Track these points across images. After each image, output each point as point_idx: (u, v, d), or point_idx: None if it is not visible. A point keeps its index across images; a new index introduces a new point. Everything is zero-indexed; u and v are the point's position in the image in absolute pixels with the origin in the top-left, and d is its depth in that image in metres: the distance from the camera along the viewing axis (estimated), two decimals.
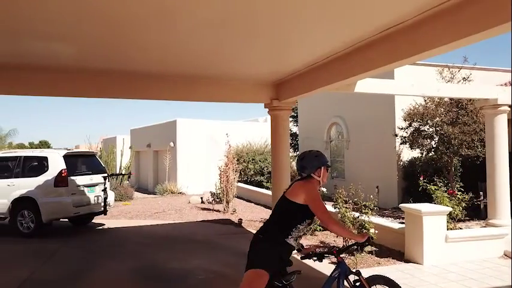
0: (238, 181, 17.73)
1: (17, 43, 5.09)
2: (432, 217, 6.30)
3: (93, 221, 10.51)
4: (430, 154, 10.58)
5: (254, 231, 8.90)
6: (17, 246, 8.01)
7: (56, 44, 5.10)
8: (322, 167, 3.22)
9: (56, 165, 8.94)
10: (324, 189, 9.33)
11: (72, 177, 9.02)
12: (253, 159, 17.50)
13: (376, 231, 6.87)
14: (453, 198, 7.31)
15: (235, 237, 8.65)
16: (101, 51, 5.54)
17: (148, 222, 10.68)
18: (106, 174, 9.65)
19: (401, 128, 11.17)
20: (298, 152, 19.35)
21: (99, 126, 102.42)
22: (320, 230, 8.51)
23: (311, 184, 3.13)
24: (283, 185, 7.84)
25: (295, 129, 21.48)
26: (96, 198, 9.48)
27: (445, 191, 7.46)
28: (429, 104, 10.50)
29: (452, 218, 7.21)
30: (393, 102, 12.51)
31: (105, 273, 6.18)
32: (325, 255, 3.19)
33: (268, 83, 7.82)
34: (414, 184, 11.83)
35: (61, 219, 9.68)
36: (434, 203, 7.22)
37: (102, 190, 9.49)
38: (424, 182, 7.79)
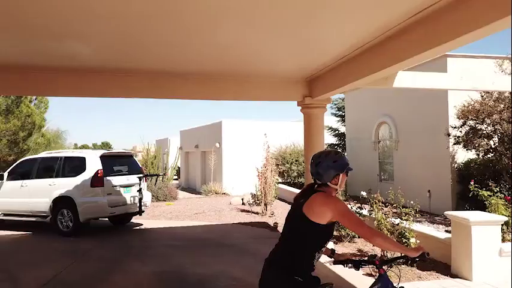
0: (281, 183, 17.36)
1: (38, 43, 5.09)
2: (483, 227, 5.50)
3: (133, 221, 10.62)
4: (488, 155, 9.51)
5: None
6: (53, 244, 8.20)
7: (80, 44, 5.05)
8: (341, 174, 2.63)
9: (93, 165, 9.08)
10: (364, 193, 8.68)
11: (108, 178, 9.13)
12: (296, 161, 17.00)
13: (418, 241, 6.18)
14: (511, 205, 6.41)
15: (267, 241, 8.25)
16: (126, 50, 5.43)
17: (185, 223, 10.60)
18: (141, 175, 9.66)
19: (455, 127, 10.19)
20: (346, 153, 18.57)
21: (156, 127, 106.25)
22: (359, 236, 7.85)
23: (334, 197, 2.56)
24: None
25: (343, 129, 20.67)
26: (132, 198, 9.53)
27: (502, 197, 6.56)
28: (486, 99, 9.46)
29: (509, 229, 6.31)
30: (446, 99, 11.48)
31: (126, 275, 6.07)
32: (363, 264, 2.72)
33: (300, 79, 7.36)
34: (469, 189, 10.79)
35: (101, 219, 9.88)
36: (488, 211, 6.37)
37: (138, 191, 9.52)
38: (475, 186, 6.92)
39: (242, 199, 14.34)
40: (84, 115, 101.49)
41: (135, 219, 10.75)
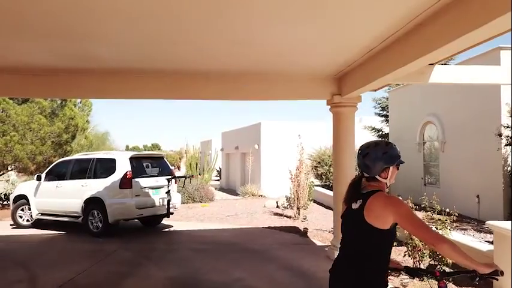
0: (319, 185, 16.78)
1: (66, 46, 5.07)
2: None
3: (164, 222, 10.60)
4: None
5: (319, 243, 8.28)
6: (81, 245, 8.28)
7: (99, 45, 4.98)
8: (391, 166, 2.42)
9: (123, 167, 9.12)
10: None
11: (137, 179, 9.12)
12: None
13: None
14: None
15: (294, 248, 7.85)
16: (145, 50, 5.29)
17: (215, 226, 10.42)
18: (170, 177, 9.58)
19: (507, 126, 9.23)
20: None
21: (204, 128, 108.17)
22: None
23: (395, 198, 2.31)
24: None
25: (387, 129, 19.66)
26: (161, 200, 9.48)
27: None
28: None
29: None
30: (499, 95, 10.46)
31: (140, 280, 5.92)
32: (420, 273, 2.53)
33: (328, 76, 6.89)
34: None
35: (134, 220, 9.92)
36: None
37: (166, 192, 9.44)
38: None
39: (277, 202, 13.97)
40: (136, 117, 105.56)
41: (166, 221, 10.71)
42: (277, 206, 13.66)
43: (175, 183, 10.29)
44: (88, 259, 7.10)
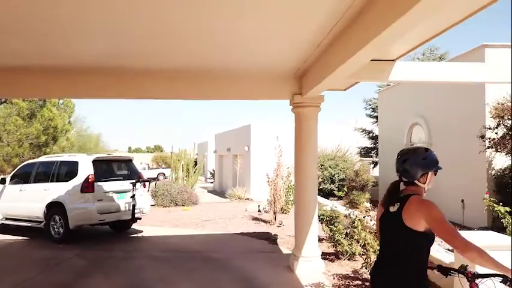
0: None
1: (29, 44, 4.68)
2: (491, 253, 4.31)
3: (135, 227, 10.21)
4: None
5: (287, 251, 7.79)
6: (36, 252, 7.91)
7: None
8: (430, 172, 2.51)
9: (85, 170, 8.73)
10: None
11: (100, 183, 8.73)
12: (322, 165, 15.89)
13: None
14: None
15: (258, 257, 7.43)
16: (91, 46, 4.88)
17: (187, 232, 10.01)
18: (134, 181, 9.17)
19: (489, 128, 8.76)
20: (378, 158, 17.15)
21: (203, 128, 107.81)
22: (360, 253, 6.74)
23: (429, 202, 2.37)
24: (306, 201, 6.47)
25: (378, 131, 19.23)
26: (127, 205, 9.08)
27: None
28: None
29: None
30: (483, 96, 9.99)
31: None
32: (452, 272, 2.57)
33: (288, 75, 6.46)
34: (509, 199, 9.25)
35: (103, 225, 9.52)
36: (509, 232, 5.11)
37: (131, 197, 9.03)
38: (490, 200, 5.63)
39: (258, 206, 13.54)
40: (142, 119, 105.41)
41: (137, 226, 10.33)
42: (259, 210, 13.24)
43: (144, 187, 9.88)
44: (37, 267, 6.72)
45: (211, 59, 5.62)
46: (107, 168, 9.18)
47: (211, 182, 31.10)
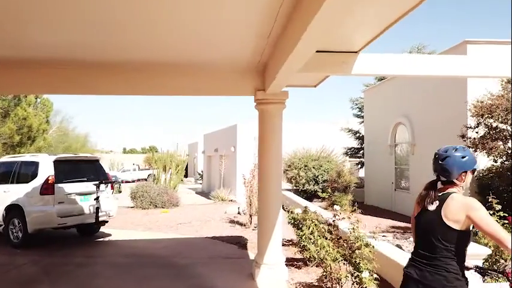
0: (289, 190, 15.94)
1: None
2: None
3: (104, 230, 9.77)
4: (507, 162, 7.64)
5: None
6: None
7: None
8: (468, 171, 2.54)
9: (45, 171, 8.28)
10: (299, 210, 7.18)
11: (61, 185, 8.28)
12: (305, 166, 15.49)
13: (375, 268, 4.68)
14: None
15: (223, 263, 7.01)
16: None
17: (158, 235, 9.58)
18: (97, 182, 8.71)
19: (469, 127, 8.39)
20: (363, 159, 16.77)
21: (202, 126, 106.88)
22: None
23: (473, 200, 2.39)
24: (269, 204, 6.07)
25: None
26: (91, 207, 8.64)
27: (503, 218, 4.89)
28: (509, 93, 7.61)
29: None
30: (465, 94, 9.63)
31: None
32: (491, 272, 2.65)
33: (250, 69, 6.04)
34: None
35: (66, 229, 9.06)
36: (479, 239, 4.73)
37: (95, 199, 8.58)
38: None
39: (238, 208, 13.15)
40: (140, 119, 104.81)
41: (107, 229, 9.89)
42: (239, 213, 12.85)
43: (112, 188, 9.44)
44: None
45: (164, 52, 5.21)
46: (70, 169, 8.73)
47: (201, 183, 30.64)
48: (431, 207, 2.48)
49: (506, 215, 5.09)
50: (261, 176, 6.25)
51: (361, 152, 18.73)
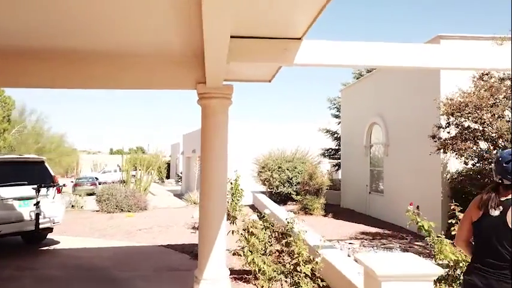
0: (262, 192, 15.33)
1: None
2: (401, 284, 3.31)
3: (53, 237, 9.03)
4: (478, 164, 7.11)
5: None
6: None
7: None
8: None
9: None
10: (267, 211, 6.58)
11: None
12: (279, 168, 14.87)
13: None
14: None
15: (166, 276, 6.36)
16: None
17: (108, 244, 8.87)
18: (35, 186, 7.94)
19: (440, 127, 7.85)
20: (340, 161, 16.22)
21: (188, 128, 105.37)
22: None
23: None
24: (210, 211, 5.42)
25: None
26: (32, 214, 7.87)
27: None
28: (480, 90, 7.07)
29: None
30: (438, 92, 9.09)
31: None
32: None
33: (191, 60, 5.38)
34: (465, 206, 8.34)
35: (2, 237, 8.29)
36: (434, 252, 4.13)
37: (34, 204, 7.82)
38: (414, 213, 4.65)
39: None
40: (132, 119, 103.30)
41: (56, 237, 9.16)
42: None
43: (59, 192, 8.68)
44: None
45: (93, 40, 4.55)
46: (8, 171, 7.97)
47: (181, 185, 29.90)
48: (495, 213, 2.40)
49: None
50: (203, 179, 5.59)
51: (339, 153, 18.19)
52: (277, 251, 4.86)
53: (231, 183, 12.04)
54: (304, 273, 4.05)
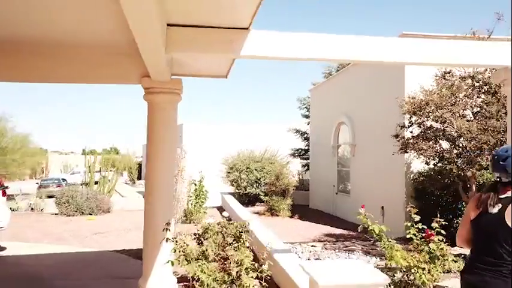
0: (231, 193, 14.98)
1: None
2: None
3: (0, 244, 8.41)
4: (439, 164, 6.98)
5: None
6: None
7: None
8: None
9: None
10: (226, 214, 6.30)
11: None
12: (247, 168, 14.56)
13: None
14: (432, 247, 3.90)
15: (115, 285, 5.93)
16: None
17: (57, 250, 8.36)
18: None
19: (403, 126, 7.71)
20: (308, 161, 16.06)
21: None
22: None
23: None
24: (155, 215, 5.07)
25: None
26: None
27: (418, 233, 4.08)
28: (442, 89, 6.94)
29: None
30: (403, 90, 8.96)
31: None
32: None
33: (135, 51, 4.98)
34: (428, 207, 8.25)
35: None
36: (388, 257, 3.89)
37: None
38: (364, 216, 4.41)
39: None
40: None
41: (1, 243, 8.53)
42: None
43: (4, 195, 8.10)
44: None
45: (29, 29, 4.11)
46: None
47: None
48: (493, 210, 2.42)
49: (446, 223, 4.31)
50: (148, 180, 5.22)
51: (309, 153, 18.06)
52: (222, 258, 4.51)
53: (195, 185, 11.75)
54: (248, 282, 3.74)
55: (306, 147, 17.91)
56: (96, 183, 17.01)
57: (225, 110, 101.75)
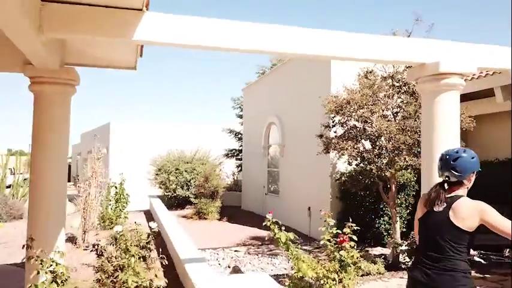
0: (160, 196, 14.26)
1: None
2: None
3: None
4: (362, 164, 6.91)
5: None
6: None
7: None
8: (475, 171, 2.54)
9: None
10: (153, 224, 5.77)
11: None
12: (177, 170, 13.90)
13: None
14: (343, 255, 3.63)
15: None
16: None
17: None
18: None
19: (326, 126, 7.57)
20: (242, 162, 15.75)
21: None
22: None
23: (482, 203, 2.41)
24: (47, 220, 4.38)
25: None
26: None
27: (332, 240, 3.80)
28: (363, 88, 6.85)
29: None
30: (329, 89, 8.86)
31: None
32: (494, 257, 2.69)
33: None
34: (352, 207, 8.22)
35: None
36: (296, 268, 3.57)
37: None
38: (272, 222, 4.10)
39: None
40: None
41: None
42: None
43: None
44: None
45: None
46: None
47: None
48: (439, 209, 2.48)
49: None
50: (33, 186, 4.49)
51: (242, 153, 17.78)
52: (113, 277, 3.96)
53: (116, 188, 10.97)
54: None
55: (240, 148, 17.60)
56: (8, 186, 15.43)
57: (159, 109, 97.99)
